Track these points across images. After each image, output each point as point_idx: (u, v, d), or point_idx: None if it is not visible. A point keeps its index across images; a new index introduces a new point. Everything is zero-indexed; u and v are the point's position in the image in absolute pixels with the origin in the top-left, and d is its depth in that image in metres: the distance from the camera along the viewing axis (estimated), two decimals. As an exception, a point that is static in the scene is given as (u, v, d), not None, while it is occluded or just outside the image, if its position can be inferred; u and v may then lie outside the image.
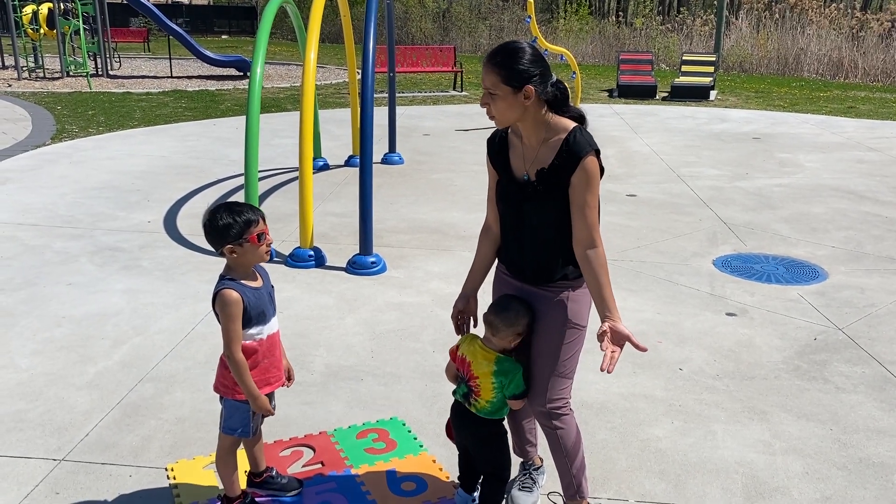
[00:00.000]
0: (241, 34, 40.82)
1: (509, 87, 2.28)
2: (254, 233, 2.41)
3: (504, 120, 2.37)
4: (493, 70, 2.29)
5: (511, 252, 2.55)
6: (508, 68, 2.27)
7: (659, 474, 3.02)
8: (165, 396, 3.54)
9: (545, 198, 2.39)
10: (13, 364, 3.83)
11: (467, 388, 2.56)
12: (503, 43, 2.36)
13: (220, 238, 2.41)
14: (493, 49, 2.34)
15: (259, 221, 2.43)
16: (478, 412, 2.55)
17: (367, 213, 5.30)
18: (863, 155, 9.94)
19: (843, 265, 5.56)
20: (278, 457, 3.05)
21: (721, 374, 3.86)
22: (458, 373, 2.61)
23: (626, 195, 7.60)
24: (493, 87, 2.30)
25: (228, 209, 2.41)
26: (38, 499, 2.79)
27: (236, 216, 2.39)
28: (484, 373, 2.49)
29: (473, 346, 2.54)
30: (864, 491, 2.93)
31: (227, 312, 2.40)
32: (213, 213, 2.41)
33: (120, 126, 11.23)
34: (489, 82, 2.31)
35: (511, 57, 2.28)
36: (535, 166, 2.40)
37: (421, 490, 2.86)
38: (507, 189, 2.48)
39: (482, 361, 2.50)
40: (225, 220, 2.38)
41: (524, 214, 2.45)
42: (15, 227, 6.11)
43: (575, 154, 2.32)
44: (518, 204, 2.45)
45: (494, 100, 2.32)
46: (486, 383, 2.50)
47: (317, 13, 5.80)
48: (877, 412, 3.51)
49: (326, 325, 4.39)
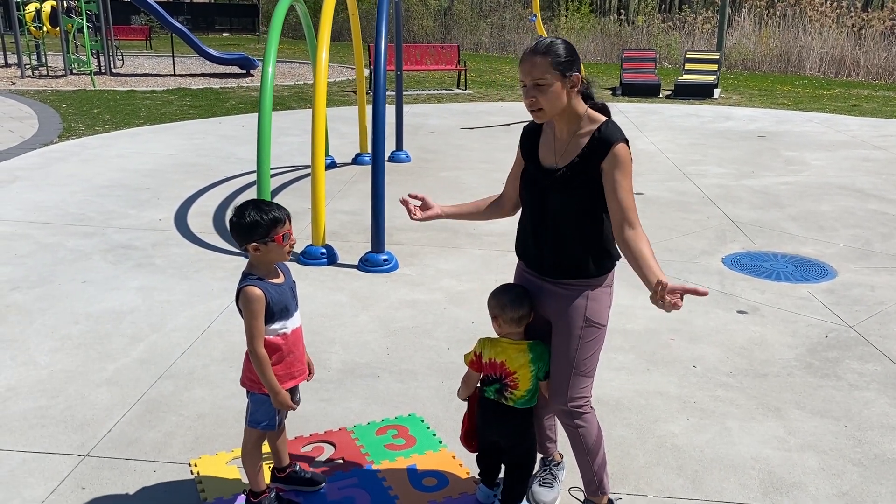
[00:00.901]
0: (243, 32, 40.81)
1: (558, 72, 2.33)
2: (280, 233, 2.44)
3: (552, 109, 2.38)
4: (541, 59, 2.33)
5: (530, 246, 2.58)
6: (556, 55, 2.33)
7: (676, 470, 3.05)
8: (185, 393, 3.57)
9: (571, 187, 2.42)
10: (33, 361, 3.86)
11: (500, 385, 2.59)
12: (538, 40, 2.41)
13: (247, 235, 2.44)
14: (531, 46, 2.40)
15: (286, 222, 2.46)
16: (515, 403, 2.60)
17: (380, 211, 5.33)
18: (868, 153, 9.97)
19: (852, 263, 5.59)
20: (299, 452, 3.09)
21: (734, 372, 3.90)
22: (487, 377, 2.63)
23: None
24: (541, 76, 2.33)
25: (256, 207, 2.44)
26: (66, 493, 2.82)
27: (263, 215, 2.42)
28: (521, 364, 2.55)
29: (499, 346, 2.58)
30: (880, 487, 2.97)
31: (250, 309, 2.43)
32: (241, 210, 2.44)
33: (126, 124, 11.26)
34: (538, 72, 2.33)
35: (554, 47, 2.35)
36: (567, 157, 2.45)
37: (442, 486, 2.90)
38: (535, 177, 2.52)
39: (516, 355, 2.56)
40: (252, 218, 2.42)
41: (548, 204, 2.48)
42: (27, 224, 6.14)
43: (606, 141, 2.38)
44: (543, 192, 2.48)
45: (543, 90, 2.35)
46: (525, 373, 2.56)
47: (328, 13, 5.83)
48: (890, 409, 3.55)
49: (341, 322, 4.43)
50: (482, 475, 2.82)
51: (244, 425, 2.64)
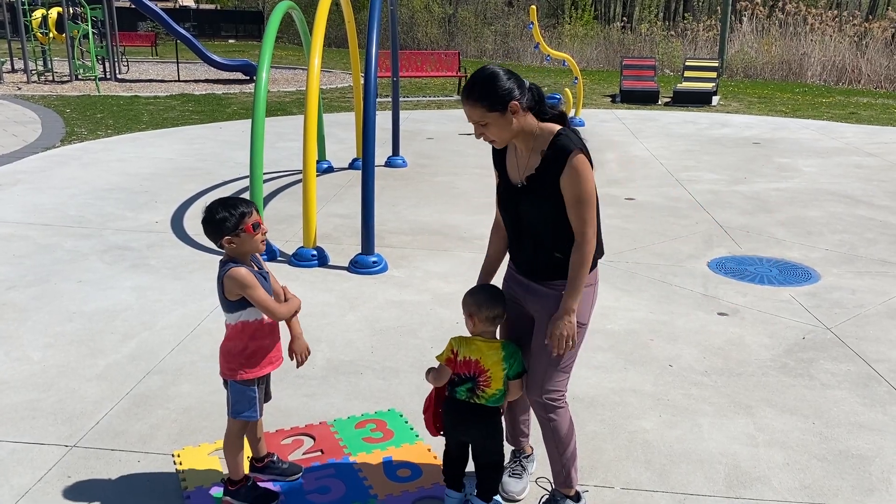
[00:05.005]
0: (248, 38, 41.07)
1: (496, 112, 2.42)
2: (248, 223, 2.57)
3: (504, 138, 2.51)
4: (476, 104, 2.42)
5: (513, 250, 2.73)
6: (489, 97, 2.40)
7: (645, 464, 3.14)
8: (172, 388, 3.68)
9: (537, 200, 2.52)
10: (26, 356, 3.97)
11: (473, 384, 2.68)
12: (474, 75, 2.47)
13: (218, 231, 2.57)
14: (466, 85, 2.47)
15: (253, 212, 2.60)
16: (486, 402, 2.68)
17: (369, 214, 5.44)
18: (861, 160, 10.04)
19: (836, 267, 5.68)
20: (279, 444, 3.19)
21: (709, 371, 3.98)
22: (459, 376, 2.69)
23: (624, 199, 7.72)
24: (481, 118, 2.44)
25: (223, 203, 2.58)
26: (52, 482, 2.93)
27: (231, 209, 2.56)
28: (494, 362, 2.64)
29: (473, 345, 2.66)
30: (841, 481, 3.05)
31: (245, 283, 2.55)
32: (210, 209, 2.60)
33: (128, 129, 11.41)
34: (476, 116, 2.45)
35: (487, 85, 2.41)
36: (527, 173, 2.55)
37: (416, 476, 2.99)
38: (505, 194, 2.66)
39: (490, 353, 2.65)
40: (221, 214, 2.55)
41: (520, 216, 2.60)
42: (27, 226, 6.27)
43: (561, 154, 2.45)
44: (514, 206, 2.61)
45: (487, 128, 2.47)
46: (497, 371, 2.65)
47: (321, 20, 5.95)
48: (859, 407, 3.63)
49: (328, 321, 4.53)
50: (449, 481, 2.84)
51: (228, 417, 2.74)
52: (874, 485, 3.03)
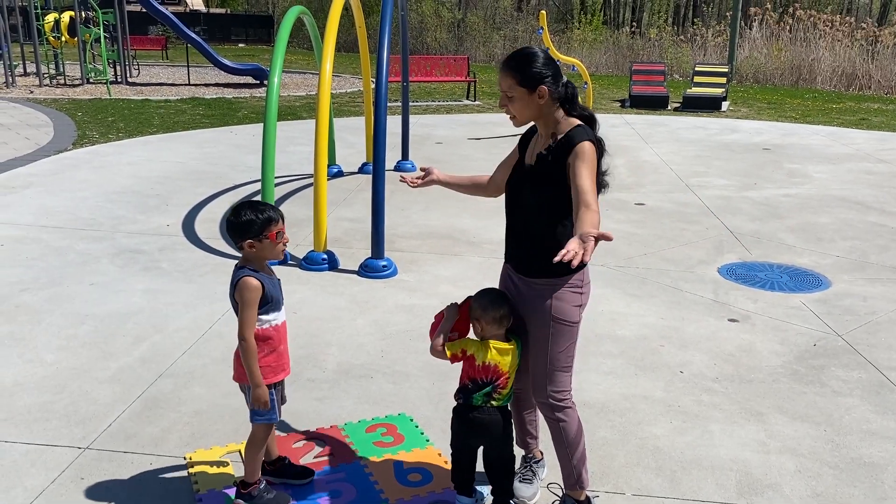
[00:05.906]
0: (258, 42, 41.24)
1: (524, 88, 2.50)
2: (273, 231, 2.59)
3: (523, 117, 2.58)
4: (508, 74, 2.52)
5: (508, 242, 2.75)
6: (523, 72, 2.49)
7: (656, 470, 3.14)
8: (184, 391, 3.70)
9: (540, 183, 2.56)
10: (39, 359, 4.00)
11: (492, 388, 2.67)
12: (517, 49, 2.58)
13: (242, 233, 2.59)
14: (508, 55, 2.57)
15: (279, 221, 2.62)
16: (501, 402, 2.70)
17: (380, 218, 5.45)
18: (872, 166, 10.01)
19: (847, 274, 5.66)
20: (291, 448, 3.20)
21: (720, 377, 3.98)
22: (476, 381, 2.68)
23: (634, 204, 7.72)
24: (509, 89, 2.53)
25: (252, 207, 2.60)
26: (65, 483, 2.94)
27: (258, 214, 2.58)
28: (512, 364, 2.67)
29: (492, 350, 2.65)
30: (853, 489, 3.04)
31: (247, 298, 2.57)
32: (237, 209, 2.61)
33: (139, 132, 11.47)
34: (506, 85, 2.54)
35: (525, 61, 2.51)
36: (537, 151, 2.62)
37: (427, 481, 3.00)
38: (515, 175, 2.71)
39: (507, 358, 2.66)
40: (247, 217, 2.57)
41: (521, 199, 2.64)
42: (39, 229, 6.31)
43: (571, 140, 2.49)
44: (519, 186, 2.66)
45: (512, 101, 2.55)
46: (513, 372, 2.69)
47: (332, 26, 5.98)
48: (871, 415, 3.62)
49: (339, 325, 4.54)
50: (459, 487, 2.83)
51: (250, 422, 2.73)
52: (887, 493, 3.02)
